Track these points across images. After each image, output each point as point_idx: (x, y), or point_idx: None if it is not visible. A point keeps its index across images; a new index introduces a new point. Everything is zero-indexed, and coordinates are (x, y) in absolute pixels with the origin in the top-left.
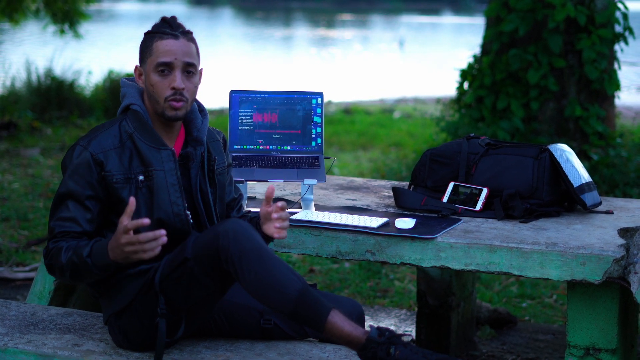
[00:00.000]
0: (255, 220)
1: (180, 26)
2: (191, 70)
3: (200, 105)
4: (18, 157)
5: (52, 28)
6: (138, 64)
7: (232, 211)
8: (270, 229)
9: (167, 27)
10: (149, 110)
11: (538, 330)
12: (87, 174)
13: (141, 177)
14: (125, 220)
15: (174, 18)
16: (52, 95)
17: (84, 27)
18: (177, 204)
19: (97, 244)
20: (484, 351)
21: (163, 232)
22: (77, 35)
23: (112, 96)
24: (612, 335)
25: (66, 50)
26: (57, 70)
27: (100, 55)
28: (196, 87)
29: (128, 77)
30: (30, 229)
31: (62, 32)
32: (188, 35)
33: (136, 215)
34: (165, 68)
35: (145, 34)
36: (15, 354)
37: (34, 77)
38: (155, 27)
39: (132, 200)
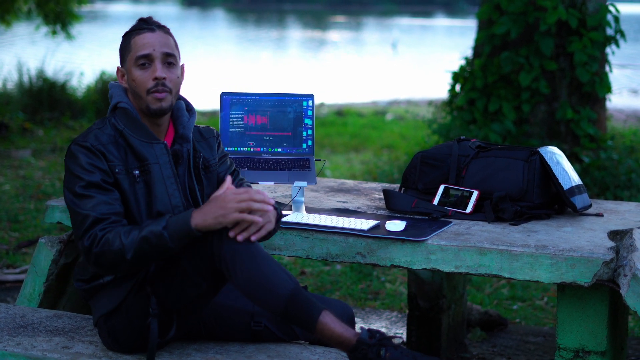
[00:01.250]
0: None
1: (155, 22)
2: (171, 60)
3: (188, 105)
4: (9, 158)
5: (44, 29)
6: (119, 65)
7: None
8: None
9: (143, 23)
10: (136, 107)
11: (529, 332)
12: (98, 162)
13: (137, 172)
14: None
15: (150, 17)
16: (44, 97)
17: (76, 29)
18: (174, 195)
19: (174, 217)
20: (474, 353)
21: (272, 200)
22: (69, 36)
23: (104, 97)
24: (602, 337)
25: (58, 52)
26: (49, 72)
27: (92, 56)
28: (179, 79)
29: (116, 80)
30: (21, 230)
31: (54, 33)
32: (164, 29)
33: (136, 208)
34: (145, 61)
35: (123, 35)
36: (5, 357)
37: (25, 79)
38: (132, 27)
39: (228, 178)
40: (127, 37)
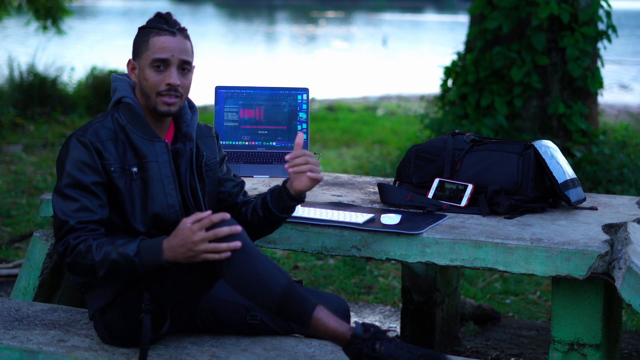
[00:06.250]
0: (278, 190)
1: (177, 23)
2: (186, 67)
3: (190, 102)
4: (0, 153)
5: (34, 24)
6: (131, 58)
7: (237, 197)
8: (303, 181)
9: (164, 23)
10: (141, 104)
11: (522, 326)
12: (90, 160)
13: (135, 169)
14: (191, 220)
15: (169, 14)
16: (35, 92)
17: (67, 24)
18: (171, 195)
19: (144, 242)
20: (468, 347)
21: (239, 228)
22: (59, 31)
23: (95, 93)
24: (597, 330)
25: (49, 47)
26: (40, 67)
27: (83, 51)
28: (190, 84)
29: (118, 73)
30: (13, 225)
31: (44, 28)
32: (184, 32)
33: (130, 207)
34: (162, 64)
35: (140, 28)
36: (0, 350)
37: (16, 74)
38: (151, 22)
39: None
40: (146, 34)
